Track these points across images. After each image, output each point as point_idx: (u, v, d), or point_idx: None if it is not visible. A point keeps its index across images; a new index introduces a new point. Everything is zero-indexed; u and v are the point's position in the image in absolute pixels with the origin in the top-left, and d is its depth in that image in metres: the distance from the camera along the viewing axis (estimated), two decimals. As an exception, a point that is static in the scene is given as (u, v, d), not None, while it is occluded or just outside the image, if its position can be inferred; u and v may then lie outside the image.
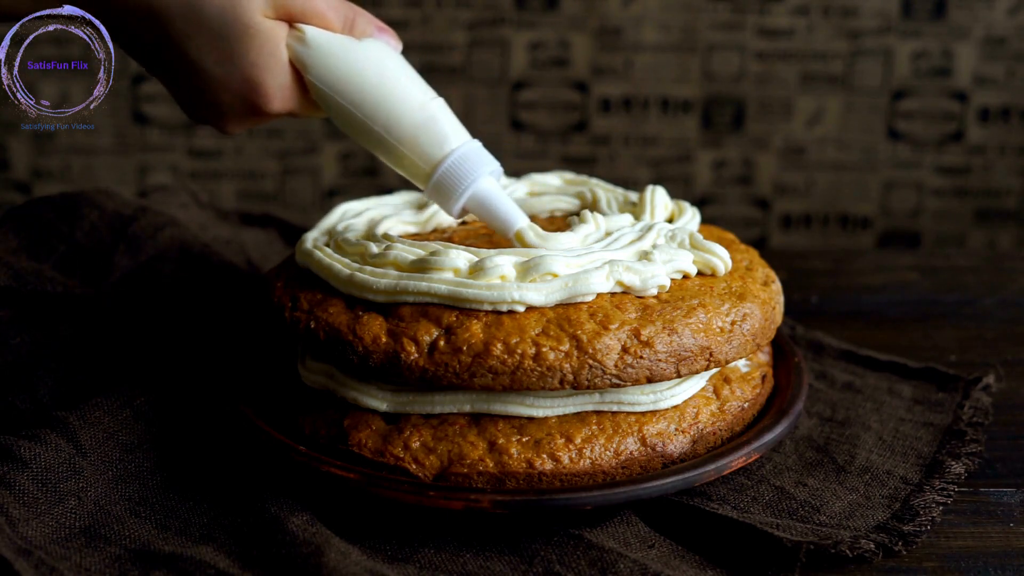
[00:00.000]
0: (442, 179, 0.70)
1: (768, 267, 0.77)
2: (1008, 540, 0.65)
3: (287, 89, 0.69)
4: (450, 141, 0.70)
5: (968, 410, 0.78)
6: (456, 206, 0.71)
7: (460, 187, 0.70)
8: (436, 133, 0.70)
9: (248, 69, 0.67)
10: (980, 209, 1.72)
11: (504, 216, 0.72)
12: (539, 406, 0.66)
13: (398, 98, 0.70)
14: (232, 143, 1.69)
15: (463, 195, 0.71)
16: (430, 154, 0.70)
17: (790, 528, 0.64)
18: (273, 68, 0.68)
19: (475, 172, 0.70)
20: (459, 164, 0.70)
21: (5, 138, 1.67)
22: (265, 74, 0.68)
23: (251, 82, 0.68)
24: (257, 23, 0.66)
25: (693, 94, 1.67)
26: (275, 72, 0.68)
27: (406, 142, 0.70)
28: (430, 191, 0.71)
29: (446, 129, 0.70)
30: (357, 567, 0.59)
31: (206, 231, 1.01)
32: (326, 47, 0.68)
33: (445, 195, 0.71)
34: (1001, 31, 1.64)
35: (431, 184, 0.71)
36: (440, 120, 0.70)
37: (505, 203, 0.72)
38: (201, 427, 0.73)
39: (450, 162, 0.70)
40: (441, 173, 0.70)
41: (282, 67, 0.68)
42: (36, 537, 0.62)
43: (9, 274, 0.80)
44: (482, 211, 0.72)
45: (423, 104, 0.70)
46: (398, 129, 0.69)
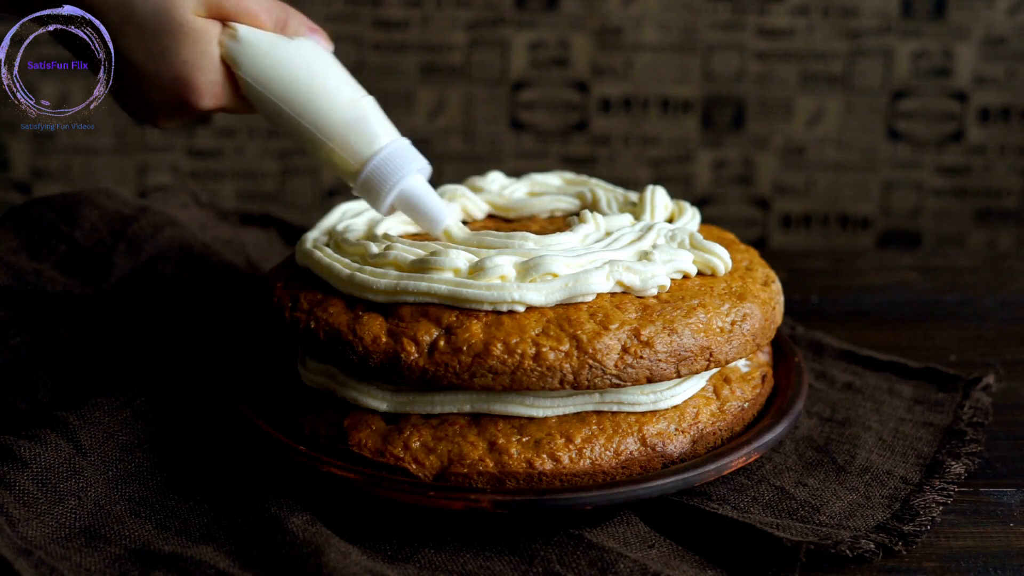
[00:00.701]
0: (370, 176, 0.71)
1: (768, 267, 0.77)
2: (1008, 540, 0.65)
3: (218, 86, 0.70)
4: (379, 139, 0.71)
5: (968, 410, 0.78)
6: (384, 203, 0.72)
7: (388, 184, 0.71)
8: (365, 131, 0.71)
9: (179, 66, 0.68)
10: (980, 209, 1.72)
11: (432, 213, 0.73)
12: (539, 406, 0.66)
13: (328, 95, 0.70)
14: (232, 143, 1.69)
15: (391, 192, 0.71)
16: (359, 151, 0.71)
17: (790, 528, 0.64)
18: (204, 66, 0.69)
19: (403, 170, 0.71)
20: (387, 162, 0.71)
21: (5, 138, 1.67)
22: (196, 71, 0.69)
23: (182, 79, 0.69)
24: (189, 21, 0.68)
25: (693, 94, 1.67)
26: (206, 69, 0.69)
27: (335, 139, 0.70)
28: (359, 188, 0.72)
29: (375, 127, 0.71)
30: (357, 567, 0.59)
31: (206, 231, 1.01)
32: (258, 45, 0.69)
33: (373, 192, 0.72)
34: (1001, 31, 1.64)
35: (360, 181, 0.71)
36: (369, 118, 0.71)
37: (433, 200, 0.73)
38: (201, 427, 0.73)
39: (378, 159, 0.71)
40: (369, 170, 0.71)
41: (213, 64, 0.69)
42: (36, 537, 0.62)
43: (9, 274, 0.80)
44: (410, 208, 0.73)
45: (353, 102, 0.71)
46: (327, 126, 0.70)
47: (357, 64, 1.64)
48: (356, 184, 0.72)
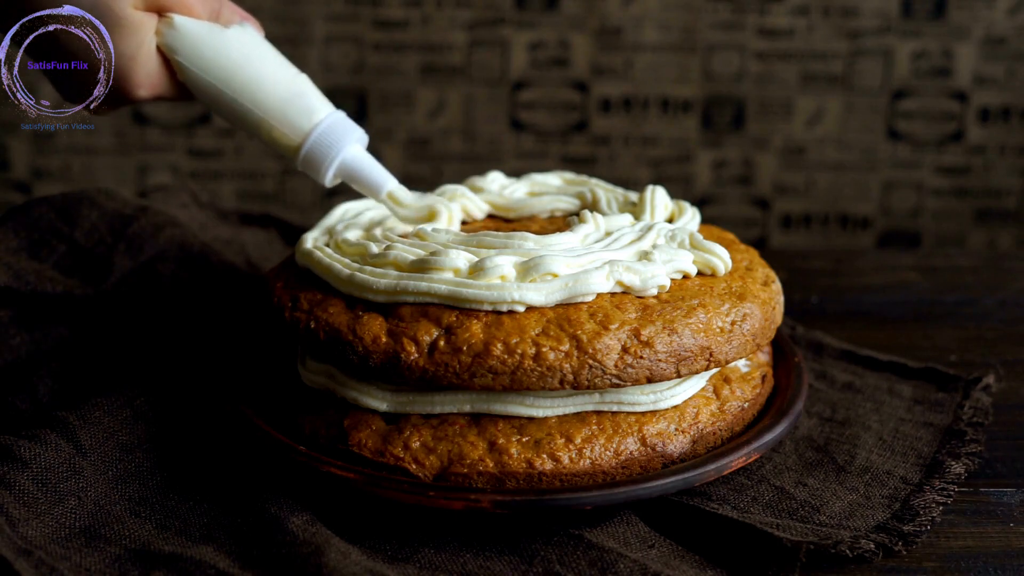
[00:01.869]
0: (312, 150, 0.74)
1: (768, 267, 0.77)
2: (1008, 540, 0.65)
3: (155, 76, 0.72)
4: (317, 113, 0.74)
5: (968, 410, 0.78)
6: (327, 175, 0.75)
7: (329, 155, 0.74)
8: (302, 106, 0.74)
9: (117, 59, 0.70)
10: (980, 209, 1.72)
11: (374, 180, 0.76)
12: (539, 406, 0.66)
13: (264, 75, 0.73)
14: (232, 143, 1.69)
15: (333, 163, 0.75)
16: (299, 125, 0.74)
17: (790, 528, 0.64)
18: (141, 58, 0.71)
19: (343, 141, 0.74)
20: (326, 135, 0.74)
21: (5, 138, 1.67)
22: (133, 64, 0.70)
23: (120, 71, 0.70)
24: (128, 15, 0.69)
25: (693, 94, 1.67)
26: (143, 62, 0.71)
27: (275, 116, 0.73)
28: (301, 162, 0.75)
29: (312, 102, 0.74)
30: (357, 567, 0.59)
31: (206, 231, 1.01)
32: (195, 32, 0.72)
33: (316, 165, 0.75)
34: (1001, 31, 1.64)
35: (301, 155, 0.74)
36: (306, 94, 0.74)
37: (374, 167, 0.76)
38: (201, 427, 0.73)
39: (318, 133, 0.74)
40: (310, 145, 0.74)
41: (150, 56, 0.71)
42: (36, 537, 0.62)
43: (9, 274, 0.80)
44: (353, 177, 0.76)
45: (289, 80, 0.74)
46: (266, 104, 0.73)
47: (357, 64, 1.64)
48: (298, 159, 0.75)
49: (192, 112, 1.67)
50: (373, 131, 1.65)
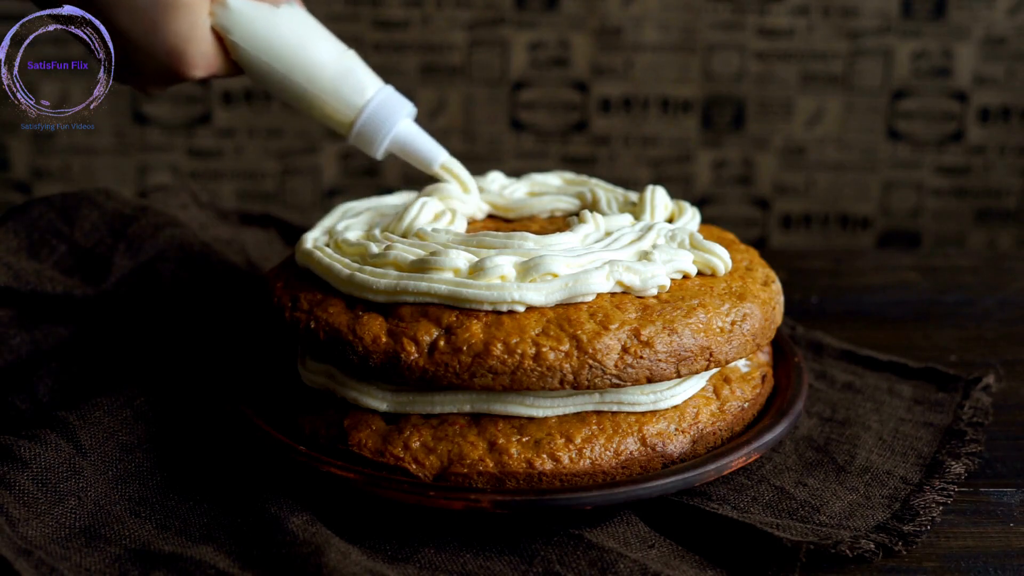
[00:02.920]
0: (365, 125, 0.77)
1: (768, 267, 0.77)
2: (1008, 540, 0.65)
3: (210, 56, 0.73)
4: (368, 88, 0.76)
5: (968, 410, 0.78)
6: (380, 148, 0.78)
7: (382, 131, 0.77)
8: (354, 82, 0.76)
9: (172, 39, 0.70)
10: (980, 209, 1.72)
11: (426, 153, 0.79)
12: (539, 406, 0.66)
13: (316, 53, 0.75)
14: (232, 143, 1.69)
15: (385, 138, 0.77)
16: (351, 101, 0.76)
17: (790, 528, 0.64)
18: (197, 37, 0.71)
19: (395, 116, 0.77)
20: (379, 109, 0.76)
21: (5, 138, 1.67)
22: (189, 44, 0.71)
23: (175, 51, 0.71)
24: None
25: (693, 94, 1.67)
26: (198, 41, 0.71)
27: (327, 92, 0.75)
28: (354, 137, 0.78)
29: (363, 78, 0.76)
30: (357, 567, 0.59)
31: (206, 231, 1.01)
32: (247, 12, 0.73)
33: (368, 140, 0.77)
34: (1001, 31, 1.64)
35: (354, 131, 0.77)
36: (357, 70, 0.76)
37: (425, 140, 0.79)
38: (201, 427, 0.73)
39: (370, 109, 0.76)
40: (363, 120, 0.76)
41: (205, 35, 0.72)
42: (36, 537, 0.62)
43: (9, 274, 0.80)
44: (405, 150, 0.79)
45: (340, 56, 0.76)
46: (318, 81, 0.75)
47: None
48: (351, 135, 0.77)
49: (192, 112, 1.67)
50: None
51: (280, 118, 1.67)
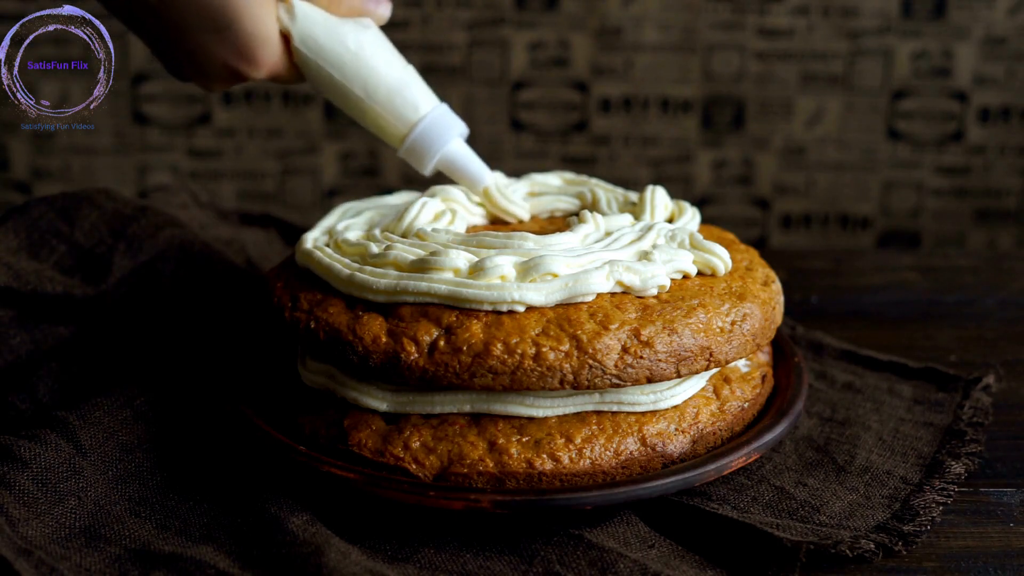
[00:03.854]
0: (417, 141, 0.77)
1: (768, 267, 0.77)
2: (1008, 540, 0.65)
3: (275, 57, 0.73)
4: (422, 105, 0.77)
5: (968, 410, 0.78)
6: (429, 166, 0.79)
7: (432, 149, 0.78)
8: (410, 98, 0.77)
9: (242, 40, 0.70)
10: (980, 209, 1.72)
11: (473, 174, 0.80)
12: (539, 406, 0.66)
13: (376, 65, 0.76)
14: (232, 143, 1.69)
15: (435, 156, 0.78)
16: (405, 116, 0.77)
17: (790, 528, 0.64)
18: (264, 38, 0.71)
19: (446, 135, 0.78)
20: (431, 127, 0.77)
21: (5, 138, 1.67)
22: (257, 45, 0.71)
23: (244, 52, 0.71)
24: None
25: (693, 94, 1.67)
26: (267, 43, 0.72)
27: (383, 104, 0.76)
28: (404, 152, 0.78)
29: (418, 95, 0.77)
30: (357, 567, 0.59)
31: (206, 231, 1.01)
32: (312, 19, 0.74)
33: (419, 156, 0.78)
34: (1001, 31, 1.64)
35: (405, 146, 0.78)
36: (413, 86, 0.77)
37: (473, 162, 0.80)
38: (201, 427, 0.73)
39: (423, 126, 0.77)
40: (416, 135, 0.77)
41: (273, 37, 0.72)
42: (36, 537, 0.62)
43: (9, 274, 0.80)
44: (453, 170, 0.80)
45: (398, 71, 0.77)
46: (376, 93, 0.76)
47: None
48: (401, 148, 0.78)
49: (192, 112, 1.67)
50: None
51: (280, 118, 1.67)
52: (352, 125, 1.65)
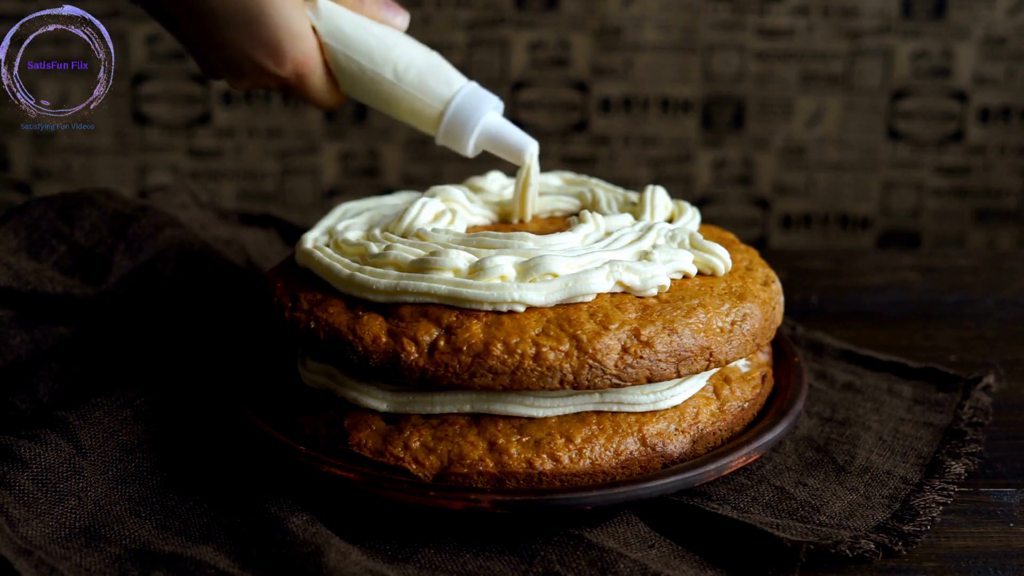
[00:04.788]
0: (453, 118, 0.78)
1: (768, 267, 0.77)
2: (1008, 540, 0.65)
3: (303, 54, 0.75)
4: (455, 82, 0.78)
5: (968, 410, 0.78)
6: (469, 143, 0.79)
7: (471, 122, 0.78)
8: (441, 76, 0.78)
9: (270, 33, 0.72)
10: (980, 209, 1.72)
11: (516, 143, 0.79)
12: (539, 406, 0.66)
13: (403, 50, 0.78)
14: (232, 143, 1.69)
15: (475, 130, 0.78)
16: (438, 94, 0.78)
17: (790, 528, 0.64)
18: (293, 34, 0.73)
19: (482, 107, 0.78)
20: (467, 100, 0.78)
21: (5, 138, 1.67)
22: (283, 39, 0.73)
23: (270, 47, 0.73)
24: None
25: (693, 94, 1.67)
26: (295, 38, 0.73)
27: (415, 85, 0.77)
28: (443, 133, 0.78)
29: (449, 73, 0.78)
30: (357, 567, 0.59)
31: (206, 231, 1.01)
32: (337, 13, 0.76)
33: (458, 132, 0.78)
34: (1001, 31, 1.64)
35: (443, 125, 0.78)
36: (442, 65, 0.79)
37: (513, 132, 0.79)
38: (201, 427, 0.73)
39: (458, 100, 0.77)
40: (452, 112, 0.77)
41: (302, 34, 0.74)
42: (36, 537, 0.62)
43: (9, 274, 0.80)
44: (494, 143, 0.79)
45: (424, 53, 0.79)
46: (407, 76, 0.77)
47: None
48: (440, 130, 0.78)
49: (192, 112, 1.67)
50: (374, 131, 1.65)
51: (280, 118, 1.67)
52: (352, 125, 1.65)
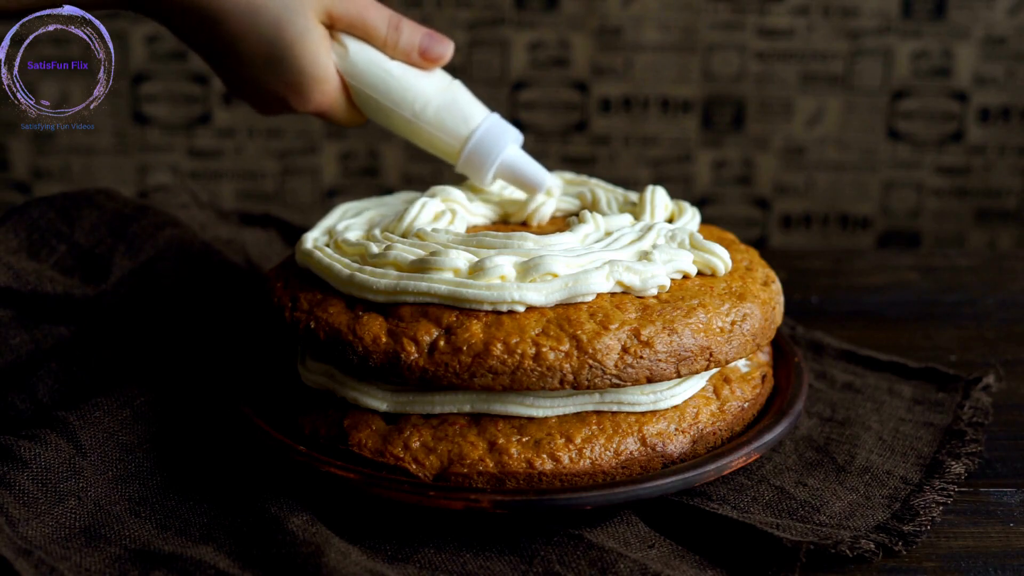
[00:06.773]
0: (471, 155, 0.79)
1: (768, 267, 0.77)
2: (1008, 540, 0.65)
3: (327, 96, 0.76)
4: (472, 119, 0.79)
5: (968, 410, 0.78)
6: (487, 176, 0.80)
7: (488, 159, 0.79)
8: (458, 113, 0.79)
9: (295, 75, 0.74)
10: (980, 209, 1.72)
11: (533, 178, 0.80)
12: (539, 406, 0.66)
13: (421, 86, 0.79)
14: (232, 143, 1.69)
15: (492, 166, 0.79)
16: (456, 132, 0.79)
17: (790, 528, 0.64)
18: (318, 78, 0.75)
19: (499, 143, 0.79)
20: (485, 137, 0.79)
21: (5, 138, 1.67)
22: (307, 81, 0.74)
23: (295, 86, 0.75)
24: (310, 30, 0.73)
25: (693, 94, 1.67)
26: (319, 81, 0.75)
27: (433, 124, 0.79)
28: (462, 165, 0.80)
29: (467, 109, 0.79)
30: (357, 567, 0.59)
31: (206, 231, 1.01)
32: (363, 54, 0.77)
33: (476, 168, 0.80)
34: (1001, 31, 1.64)
35: (462, 159, 0.79)
36: (460, 102, 0.79)
37: (531, 166, 0.80)
38: (201, 427, 0.73)
39: (477, 137, 0.79)
40: (470, 148, 0.79)
41: (327, 77, 0.75)
42: (36, 537, 0.62)
43: (9, 274, 0.80)
44: (512, 176, 0.80)
45: (442, 89, 0.79)
46: (425, 114, 0.78)
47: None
48: (459, 163, 0.80)
49: (192, 112, 1.67)
50: (374, 131, 1.65)
51: (280, 118, 1.67)
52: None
